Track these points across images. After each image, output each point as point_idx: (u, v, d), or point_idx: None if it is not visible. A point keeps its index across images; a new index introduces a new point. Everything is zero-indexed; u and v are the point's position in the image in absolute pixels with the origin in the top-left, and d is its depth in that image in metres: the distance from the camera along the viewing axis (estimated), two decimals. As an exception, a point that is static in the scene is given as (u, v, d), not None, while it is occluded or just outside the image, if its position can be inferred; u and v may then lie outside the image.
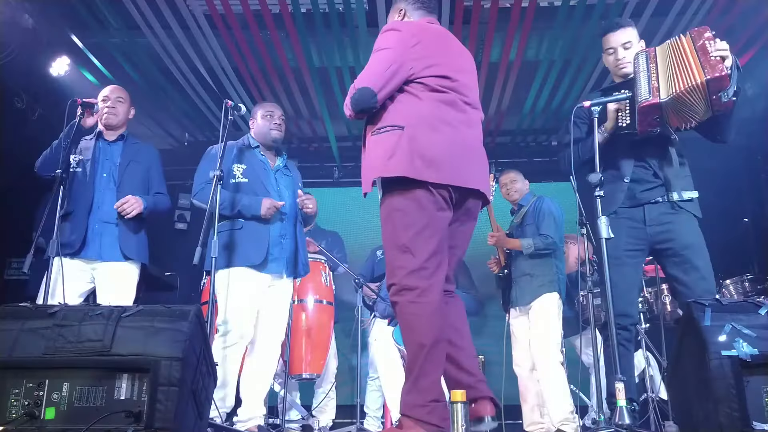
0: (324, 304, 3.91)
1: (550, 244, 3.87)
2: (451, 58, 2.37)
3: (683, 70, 2.50)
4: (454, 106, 2.27)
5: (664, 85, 2.52)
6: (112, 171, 3.24)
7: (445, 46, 2.41)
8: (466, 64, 2.45)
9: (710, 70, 2.45)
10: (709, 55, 2.46)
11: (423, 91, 2.25)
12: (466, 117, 2.29)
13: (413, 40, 2.28)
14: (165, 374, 1.92)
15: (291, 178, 3.49)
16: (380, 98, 2.22)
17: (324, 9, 4.41)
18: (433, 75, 2.26)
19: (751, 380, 1.95)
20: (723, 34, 2.54)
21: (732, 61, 2.47)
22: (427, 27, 2.42)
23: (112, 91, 3.40)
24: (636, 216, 2.69)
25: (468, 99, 2.33)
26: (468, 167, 2.20)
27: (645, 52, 2.64)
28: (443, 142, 2.18)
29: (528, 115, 5.96)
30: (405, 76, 2.25)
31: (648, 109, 2.54)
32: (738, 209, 5.17)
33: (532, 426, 3.92)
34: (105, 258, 3.14)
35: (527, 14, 4.40)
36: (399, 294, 2.11)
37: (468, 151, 2.24)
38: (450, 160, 2.16)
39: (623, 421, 2.21)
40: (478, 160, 2.30)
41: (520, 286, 3.98)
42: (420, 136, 2.17)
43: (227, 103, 3.17)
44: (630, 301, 2.67)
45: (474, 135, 2.32)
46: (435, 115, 2.21)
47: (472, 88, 2.41)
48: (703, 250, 2.64)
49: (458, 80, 2.31)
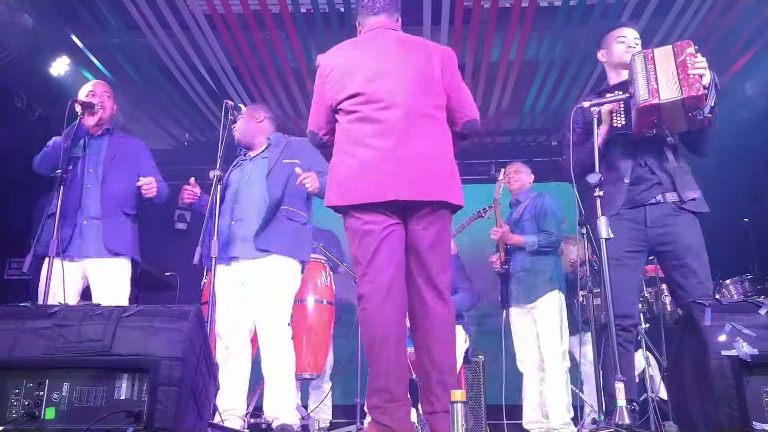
0: (324, 304, 3.90)
1: (554, 242, 3.87)
2: (371, 65, 2.37)
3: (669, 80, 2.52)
4: (366, 121, 2.31)
5: (663, 87, 2.52)
6: (98, 167, 3.22)
7: (367, 54, 2.41)
8: (396, 60, 2.38)
9: (687, 89, 2.46)
10: (688, 72, 2.47)
11: (342, 117, 2.38)
12: (380, 127, 2.29)
13: (326, 71, 2.42)
14: (165, 374, 1.92)
15: (266, 159, 3.36)
16: (323, 135, 2.46)
17: (324, 9, 4.41)
18: (345, 97, 2.35)
19: (751, 380, 1.95)
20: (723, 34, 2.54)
21: (710, 79, 2.49)
22: (348, 45, 2.51)
23: (96, 86, 3.35)
24: (637, 217, 2.69)
25: (384, 103, 2.30)
26: (383, 181, 2.23)
27: (642, 53, 2.63)
28: (353, 166, 2.28)
29: (528, 115, 5.97)
30: (328, 108, 2.41)
31: (647, 109, 2.54)
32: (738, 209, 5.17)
33: (531, 424, 3.92)
34: (93, 255, 3.11)
35: (527, 14, 4.40)
36: (358, 304, 2.30)
37: (381, 164, 2.24)
38: (355, 180, 2.27)
39: (623, 421, 2.20)
40: (396, 168, 2.23)
41: (519, 282, 3.98)
42: (337, 164, 2.35)
43: (227, 103, 3.17)
44: (630, 302, 2.67)
45: (392, 143, 2.26)
46: (348, 139, 2.33)
47: (399, 85, 2.32)
48: (703, 253, 2.63)
49: (370, 89, 2.32)
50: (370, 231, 2.25)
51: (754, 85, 4.89)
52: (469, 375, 4.64)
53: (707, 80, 2.48)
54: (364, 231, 2.26)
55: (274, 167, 3.29)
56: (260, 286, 3.16)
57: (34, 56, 4.57)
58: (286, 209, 3.23)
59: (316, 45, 4.87)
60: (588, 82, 5.29)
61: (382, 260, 2.24)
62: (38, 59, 4.64)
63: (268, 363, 3.16)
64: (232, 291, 3.22)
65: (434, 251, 2.30)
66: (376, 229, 2.24)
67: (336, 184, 2.32)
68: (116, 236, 3.16)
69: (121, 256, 3.18)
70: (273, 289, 3.17)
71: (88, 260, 3.12)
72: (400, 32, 2.53)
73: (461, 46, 4.80)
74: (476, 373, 4.73)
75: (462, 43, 4.78)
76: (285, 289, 3.21)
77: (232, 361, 3.20)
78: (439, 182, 2.28)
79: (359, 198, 2.25)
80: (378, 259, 2.24)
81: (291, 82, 5.29)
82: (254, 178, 3.32)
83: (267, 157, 3.37)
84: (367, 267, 2.25)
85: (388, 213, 2.26)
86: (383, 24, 2.50)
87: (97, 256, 3.11)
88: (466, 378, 4.53)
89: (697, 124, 2.56)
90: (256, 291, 3.17)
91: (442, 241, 2.33)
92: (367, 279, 2.25)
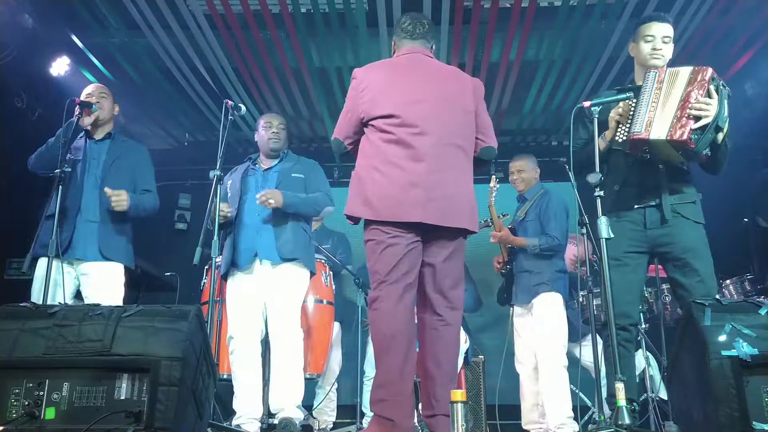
0: (324, 304, 3.91)
1: (555, 246, 3.82)
2: (407, 90, 2.47)
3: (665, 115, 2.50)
4: (400, 143, 2.41)
5: (658, 123, 2.51)
6: (97, 170, 3.22)
7: (404, 77, 2.52)
8: (433, 88, 2.50)
9: (674, 130, 2.45)
10: (686, 110, 2.45)
11: (373, 133, 2.47)
12: (413, 152, 2.39)
13: (362, 85, 2.52)
14: (165, 374, 1.92)
15: (278, 173, 3.46)
16: (348, 144, 2.56)
17: (324, 9, 4.41)
18: (380, 116, 2.45)
19: (751, 380, 1.95)
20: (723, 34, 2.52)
21: (708, 120, 2.43)
22: (385, 64, 2.65)
23: (94, 89, 3.38)
24: (637, 219, 2.69)
25: (418, 129, 2.41)
26: (413, 203, 2.35)
27: (656, 71, 2.60)
28: (382, 182, 2.40)
29: (528, 115, 5.97)
30: (358, 120, 2.50)
31: (638, 142, 2.57)
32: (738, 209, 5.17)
33: (530, 425, 3.92)
34: (87, 258, 3.12)
35: (527, 14, 4.40)
36: (369, 306, 2.43)
37: (411, 187, 2.36)
38: (386, 198, 2.38)
39: (623, 421, 2.21)
40: (426, 194, 2.36)
41: (519, 282, 3.97)
42: (364, 177, 2.46)
43: (227, 103, 3.18)
44: (630, 302, 2.66)
45: (423, 170, 2.38)
46: (378, 155, 2.43)
47: (433, 113, 2.44)
48: (704, 253, 2.62)
49: (406, 115, 2.42)
50: (395, 244, 2.37)
51: (754, 85, 4.88)
52: (469, 375, 4.64)
53: (702, 123, 2.44)
54: (389, 243, 2.37)
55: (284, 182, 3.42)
56: (279, 290, 3.27)
57: (34, 56, 4.57)
58: (301, 221, 3.40)
59: (316, 45, 4.88)
60: (588, 82, 5.29)
61: (401, 271, 2.36)
62: (38, 59, 4.64)
63: (279, 358, 3.24)
64: (251, 295, 3.28)
65: (448, 268, 2.43)
66: (402, 242, 2.37)
67: (364, 197, 2.43)
68: (112, 242, 3.17)
69: (114, 261, 3.19)
70: (290, 293, 3.30)
71: (83, 263, 3.13)
72: (436, 60, 2.65)
73: (461, 46, 4.80)
74: (476, 373, 4.72)
75: (462, 43, 4.78)
76: (299, 294, 3.35)
77: (247, 363, 3.24)
78: (462, 210, 2.43)
79: (389, 215, 2.37)
80: (397, 269, 2.36)
81: (291, 82, 5.29)
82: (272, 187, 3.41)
83: (279, 171, 3.49)
84: (386, 276, 2.36)
85: (411, 231, 2.38)
86: (419, 50, 2.62)
87: (92, 259, 3.13)
88: (466, 378, 4.53)
89: (694, 159, 2.57)
90: (274, 294, 3.27)
91: (456, 261, 2.46)
92: (383, 285, 2.37)
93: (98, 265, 3.13)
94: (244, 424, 3.11)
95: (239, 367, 3.23)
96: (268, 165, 3.52)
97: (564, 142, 6.47)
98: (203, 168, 3.53)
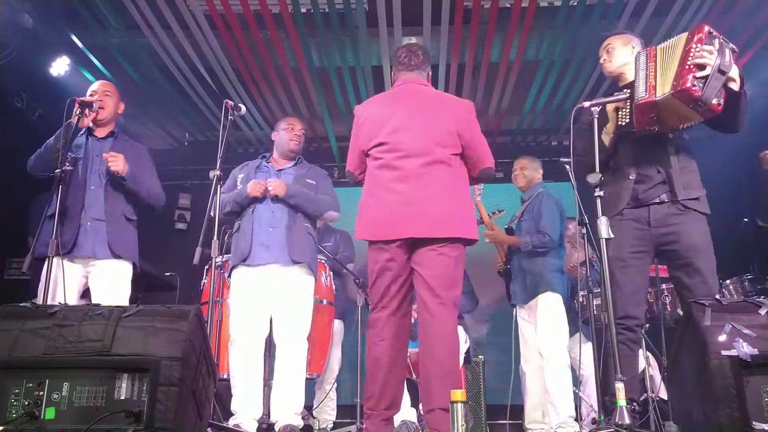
0: (324, 304, 3.90)
1: (547, 242, 3.85)
2: (397, 119, 2.70)
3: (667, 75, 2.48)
4: (388, 167, 2.66)
5: (661, 83, 2.49)
6: (102, 168, 3.21)
7: (396, 108, 2.74)
8: (420, 115, 2.70)
9: (677, 82, 2.42)
10: (686, 63, 2.43)
11: (371, 162, 2.74)
12: (399, 174, 2.63)
13: (360, 120, 2.80)
14: (165, 374, 1.92)
15: (292, 176, 3.51)
16: (358, 174, 2.83)
17: (324, 9, 4.41)
18: (374, 146, 2.71)
19: (751, 380, 1.95)
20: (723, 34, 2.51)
21: (712, 69, 2.40)
22: (381, 98, 2.90)
23: (99, 86, 3.38)
24: (641, 217, 2.68)
25: (404, 153, 2.64)
26: (401, 220, 2.58)
27: (645, 51, 2.62)
28: (374, 205, 2.67)
29: (528, 115, 5.97)
30: (361, 152, 2.77)
31: (644, 107, 2.53)
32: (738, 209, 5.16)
33: (533, 424, 3.92)
34: (98, 256, 3.11)
35: (527, 14, 4.40)
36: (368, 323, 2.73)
37: (400, 206, 2.59)
38: (379, 219, 2.63)
39: (623, 421, 2.20)
40: (412, 210, 2.57)
41: (517, 282, 4.00)
42: (366, 203, 2.72)
43: (227, 103, 3.18)
44: (635, 302, 2.65)
45: (409, 188, 2.60)
46: (373, 181, 2.71)
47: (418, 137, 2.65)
48: (708, 252, 2.60)
49: (393, 140, 2.66)
50: (385, 270, 2.62)
51: (754, 85, 4.88)
52: (469, 375, 4.64)
53: (706, 71, 2.40)
54: (380, 269, 2.63)
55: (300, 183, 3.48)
56: (289, 295, 3.30)
57: (34, 56, 4.57)
58: (308, 224, 3.45)
59: (316, 45, 4.88)
60: (588, 82, 5.29)
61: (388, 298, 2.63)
62: (38, 59, 4.64)
63: (282, 364, 3.26)
64: (258, 293, 3.29)
65: (440, 271, 2.57)
66: (392, 270, 2.61)
67: (363, 221, 2.70)
68: (120, 239, 3.17)
69: (124, 258, 3.19)
70: (300, 296, 3.33)
71: (92, 261, 3.12)
72: (429, 88, 2.87)
73: (461, 46, 4.80)
74: (476, 373, 4.73)
75: (462, 43, 4.78)
76: (309, 301, 3.39)
77: (248, 364, 3.24)
78: (450, 221, 2.58)
79: (383, 234, 2.61)
80: (385, 296, 2.63)
81: (291, 82, 5.29)
82: None
83: (294, 175, 3.54)
84: (376, 303, 2.67)
85: (404, 250, 2.60)
86: (414, 80, 2.83)
87: (102, 257, 3.12)
88: (466, 378, 4.53)
89: (710, 114, 2.49)
90: (284, 299, 3.29)
91: (450, 266, 2.59)
92: (374, 312, 2.67)
93: (109, 263, 3.13)
94: (243, 424, 3.11)
95: (239, 367, 3.23)
96: (282, 166, 3.56)
97: (564, 142, 6.47)
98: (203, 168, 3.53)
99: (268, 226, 3.34)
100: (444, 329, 2.54)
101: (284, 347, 3.26)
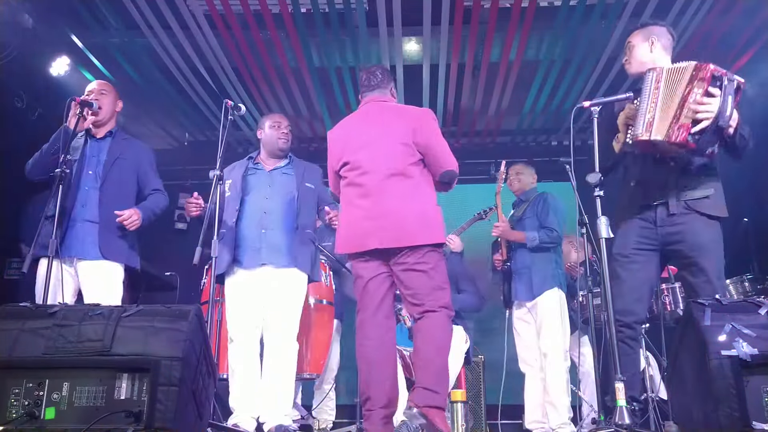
0: (324, 304, 3.90)
1: (555, 238, 3.88)
2: (357, 138, 2.86)
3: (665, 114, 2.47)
4: (352, 185, 2.83)
5: (659, 123, 2.48)
6: (98, 168, 3.19)
7: (357, 128, 2.90)
8: (377, 131, 2.83)
9: (672, 132, 2.41)
10: (684, 109, 2.42)
11: (342, 181, 2.91)
12: (362, 189, 2.79)
13: (331, 145, 2.98)
14: (165, 374, 1.92)
15: (290, 176, 3.47)
16: (337, 194, 2.98)
17: (324, 9, 4.41)
18: (341, 166, 2.89)
19: (751, 380, 1.95)
20: (723, 34, 2.50)
21: (710, 122, 2.38)
22: (346, 121, 3.02)
23: (95, 86, 3.35)
24: (648, 216, 2.68)
25: (363, 169, 2.79)
26: (366, 234, 2.73)
27: (654, 71, 2.57)
28: (344, 221, 2.87)
29: (528, 115, 5.97)
30: (335, 173, 2.94)
31: (641, 144, 2.56)
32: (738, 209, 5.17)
33: (533, 424, 3.92)
34: (87, 257, 3.09)
35: (527, 14, 4.40)
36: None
37: (364, 221, 2.75)
38: (347, 233, 2.83)
39: (623, 421, 2.20)
40: (374, 224, 2.71)
41: (520, 279, 3.97)
42: (340, 219, 2.93)
43: (227, 103, 3.17)
44: (637, 300, 2.64)
45: (370, 203, 2.74)
46: (343, 199, 2.90)
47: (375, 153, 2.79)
48: (714, 253, 2.57)
49: (354, 159, 2.83)
50: (360, 276, 2.80)
51: (754, 85, 4.88)
52: (469, 375, 4.64)
53: (703, 124, 2.40)
54: (356, 276, 2.83)
55: (300, 189, 3.43)
56: (280, 297, 3.27)
57: (34, 56, 4.57)
58: (310, 232, 3.43)
59: (316, 45, 4.88)
60: (588, 82, 5.29)
61: (368, 300, 2.77)
62: (38, 59, 4.64)
63: (272, 365, 3.22)
64: (252, 295, 3.28)
65: (413, 284, 2.69)
66: (366, 275, 2.77)
67: (340, 234, 2.88)
68: (111, 241, 3.13)
69: (113, 260, 3.15)
70: (291, 299, 3.30)
71: (82, 262, 3.10)
72: (389, 102, 2.99)
73: (461, 46, 4.80)
74: (476, 373, 4.72)
75: (462, 43, 4.78)
76: (299, 303, 3.35)
77: (246, 363, 3.23)
78: (413, 229, 2.69)
79: (352, 247, 2.80)
80: (365, 299, 2.78)
81: (291, 82, 5.29)
82: (279, 191, 3.42)
83: (289, 175, 3.49)
84: (359, 306, 2.81)
85: (376, 259, 2.75)
86: (376, 98, 2.98)
87: (91, 258, 3.09)
88: (467, 378, 4.53)
89: (705, 157, 2.51)
90: (275, 301, 3.27)
91: (422, 277, 2.69)
92: (358, 314, 2.81)
93: (97, 264, 3.10)
94: (242, 423, 3.10)
95: (237, 366, 3.22)
96: (273, 165, 3.49)
97: (564, 141, 6.47)
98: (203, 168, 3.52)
99: (258, 230, 3.30)
100: (429, 330, 2.64)
101: (273, 352, 3.23)
